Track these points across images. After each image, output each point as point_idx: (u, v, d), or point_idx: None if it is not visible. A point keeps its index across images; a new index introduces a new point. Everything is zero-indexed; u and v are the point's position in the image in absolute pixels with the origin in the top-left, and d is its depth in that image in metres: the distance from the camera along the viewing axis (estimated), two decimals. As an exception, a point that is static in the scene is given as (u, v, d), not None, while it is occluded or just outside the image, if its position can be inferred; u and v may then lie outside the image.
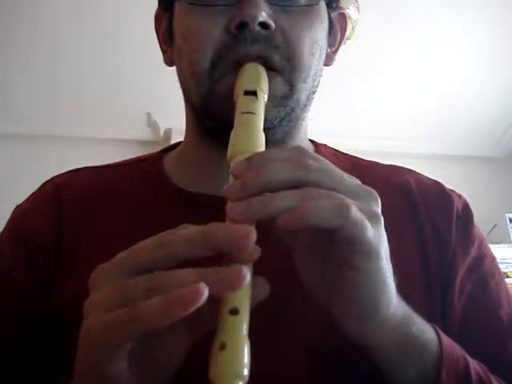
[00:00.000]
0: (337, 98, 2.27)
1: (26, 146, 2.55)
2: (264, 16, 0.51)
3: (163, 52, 0.64)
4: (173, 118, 1.78)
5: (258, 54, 0.52)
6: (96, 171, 0.65)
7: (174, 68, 0.61)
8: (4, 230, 0.61)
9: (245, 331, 0.34)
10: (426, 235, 0.57)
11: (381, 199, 0.40)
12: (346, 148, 0.67)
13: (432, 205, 0.59)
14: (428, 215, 0.58)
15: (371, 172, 0.62)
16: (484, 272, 0.58)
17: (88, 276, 0.36)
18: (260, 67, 0.52)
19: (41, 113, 2.52)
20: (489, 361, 0.48)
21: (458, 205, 0.60)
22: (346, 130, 2.59)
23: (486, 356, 0.49)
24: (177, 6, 0.58)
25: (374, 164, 0.66)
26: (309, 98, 0.58)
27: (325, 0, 0.58)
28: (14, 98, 2.43)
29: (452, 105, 2.64)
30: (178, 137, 0.65)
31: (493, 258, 0.60)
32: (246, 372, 0.32)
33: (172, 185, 0.60)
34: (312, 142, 0.66)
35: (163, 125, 2.63)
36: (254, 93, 0.49)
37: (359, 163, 0.65)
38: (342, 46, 0.65)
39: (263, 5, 0.52)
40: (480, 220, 0.61)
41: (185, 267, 0.34)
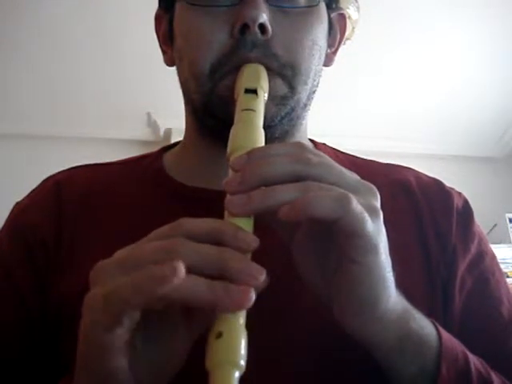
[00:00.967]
0: (337, 98, 2.27)
1: (25, 146, 2.55)
2: (264, 18, 0.51)
3: (163, 52, 0.64)
4: (173, 118, 1.79)
5: (257, 60, 0.53)
6: (96, 168, 0.65)
7: (174, 68, 0.61)
8: (3, 227, 0.60)
9: (242, 321, 0.34)
10: (427, 232, 0.57)
11: (381, 196, 0.40)
12: (346, 148, 0.67)
13: (432, 202, 0.60)
14: (429, 212, 0.58)
15: (371, 170, 0.62)
16: (484, 268, 0.58)
17: (88, 272, 0.36)
18: (260, 67, 0.52)
19: (41, 113, 2.52)
20: (489, 357, 0.48)
21: (457, 202, 0.60)
22: (345, 130, 2.59)
23: (486, 352, 0.49)
24: (177, 6, 0.58)
25: (373, 162, 0.66)
26: (309, 97, 0.58)
27: (325, 1, 0.58)
28: (14, 97, 2.43)
29: (452, 105, 2.64)
30: (177, 137, 0.66)
31: (493, 255, 0.60)
32: (242, 362, 0.32)
33: (171, 180, 0.60)
34: (311, 141, 0.66)
35: (163, 125, 2.63)
36: (255, 91, 0.50)
37: (358, 162, 0.65)
38: (342, 46, 0.65)
39: (263, 6, 0.52)
40: (480, 220, 0.61)
41: None
